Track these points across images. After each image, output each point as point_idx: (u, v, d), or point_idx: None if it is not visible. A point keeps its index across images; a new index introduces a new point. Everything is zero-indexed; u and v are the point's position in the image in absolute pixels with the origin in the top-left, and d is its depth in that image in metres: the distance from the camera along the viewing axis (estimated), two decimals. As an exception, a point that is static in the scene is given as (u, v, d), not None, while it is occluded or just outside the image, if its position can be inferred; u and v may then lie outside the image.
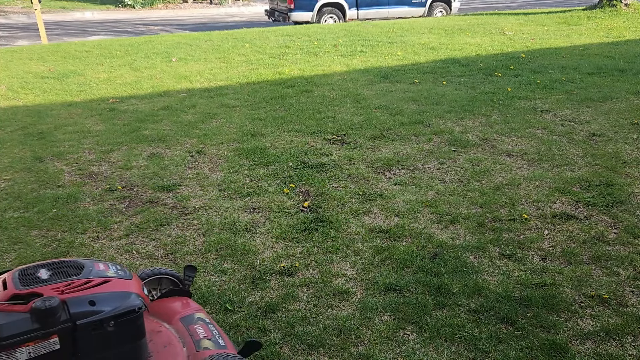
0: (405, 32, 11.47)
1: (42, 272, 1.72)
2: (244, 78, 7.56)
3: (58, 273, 1.72)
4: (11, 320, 1.55)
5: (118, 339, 1.71)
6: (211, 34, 11.94)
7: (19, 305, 1.58)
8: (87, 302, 1.65)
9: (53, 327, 1.58)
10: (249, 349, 2.01)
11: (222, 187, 4.03)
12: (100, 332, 1.65)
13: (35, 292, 1.62)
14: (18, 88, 7.16)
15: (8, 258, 3.12)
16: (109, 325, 1.66)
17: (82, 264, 1.79)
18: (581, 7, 14.60)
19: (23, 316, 1.56)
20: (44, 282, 1.67)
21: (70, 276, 1.71)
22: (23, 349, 1.56)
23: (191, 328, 2.02)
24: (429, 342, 2.38)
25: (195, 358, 1.88)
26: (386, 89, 6.79)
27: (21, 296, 1.60)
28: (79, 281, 1.69)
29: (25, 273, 1.70)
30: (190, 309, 2.14)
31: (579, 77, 7.09)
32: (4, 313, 1.56)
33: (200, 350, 1.92)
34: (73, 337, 1.62)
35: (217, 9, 20.79)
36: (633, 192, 3.80)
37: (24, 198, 3.89)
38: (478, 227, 3.39)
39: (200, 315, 2.12)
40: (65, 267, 1.76)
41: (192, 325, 2.04)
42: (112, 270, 1.82)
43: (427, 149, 4.72)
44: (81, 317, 1.62)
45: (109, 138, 5.14)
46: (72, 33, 14.31)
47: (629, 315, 2.54)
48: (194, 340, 1.97)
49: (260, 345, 2.03)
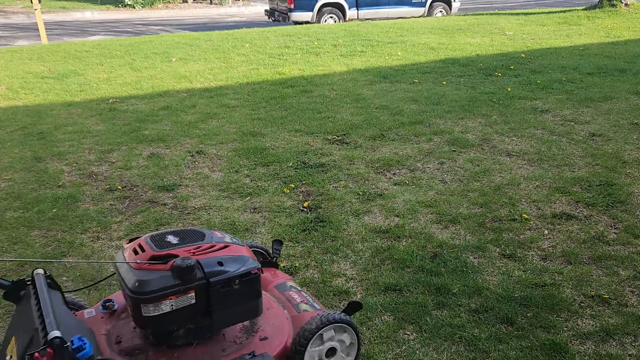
0: (405, 32, 11.47)
1: (170, 237, 1.93)
2: (244, 78, 7.56)
3: (184, 239, 1.93)
4: (156, 277, 1.76)
5: (241, 297, 1.90)
6: (211, 34, 11.95)
7: (160, 265, 1.79)
8: (217, 262, 1.85)
9: (191, 283, 1.78)
10: (351, 308, 2.17)
11: (222, 187, 4.03)
12: (227, 290, 1.85)
13: (171, 253, 1.83)
14: (18, 88, 7.16)
15: (8, 258, 3.12)
16: (234, 283, 1.86)
17: (202, 232, 2.00)
18: (581, 7, 14.60)
19: (165, 273, 1.77)
20: (176, 246, 1.87)
21: (196, 241, 1.92)
22: (167, 301, 1.77)
23: (287, 294, 2.24)
24: (429, 342, 2.38)
25: (297, 319, 2.08)
26: (386, 89, 6.79)
27: (159, 257, 1.82)
28: (204, 245, 1.91)
29: (157, 238, 1.92)
30: (281, 278, 2.36)
31: (579, 77, 7.10)
32: (147, 271, 1.78)
33: (300, 313, 2.12)
34: (207, 293, 1.82)
35: (217, 9, 20.79)
36: (633, 192, 3.80)
37: (24, 198, 3.89)
38: (478, 227, 3.39)
39: (291, 284, 2.34)
40: (189, 234, 1.97)
41: (286, 292, 2.26)
42: (228, 237, 2.03)
43: (427, 149, 4.73)
44: (213, 276, 1.82)
45: (109, 138, 5.14)
46: (72, 33, 14.31)
47: (629, 315, 2.54)
48: (293, 304, 2.18)
49: (361, 305, 2.20)
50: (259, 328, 2.04)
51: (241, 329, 2.04)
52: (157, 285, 1.74)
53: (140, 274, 1.77)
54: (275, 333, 2.02)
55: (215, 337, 1.97)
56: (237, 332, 2.01)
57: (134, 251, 1.88)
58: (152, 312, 1.76)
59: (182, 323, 1.87)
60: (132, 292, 1.74)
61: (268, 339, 1.98)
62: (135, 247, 1.90)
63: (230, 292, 1.86)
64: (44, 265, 3.05)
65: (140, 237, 1.96)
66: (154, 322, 1.79)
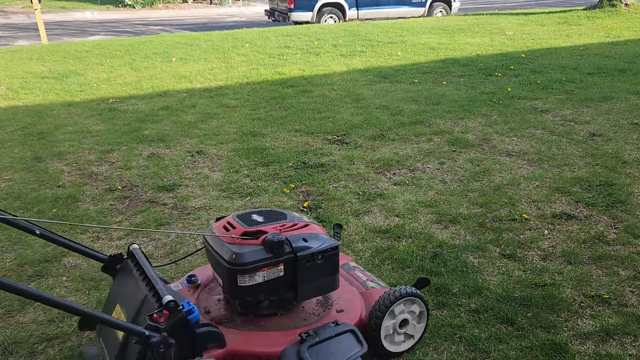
0: (405, 32, 11.47)
1: (256, 216, 2.14)
2: (244, 78, 7.56)
3: (269, 217, 2.14)
4: (250, 250, 1.96)
5: (323, 271, 2.09)
6: (211, 34, 11.95)
7: (251, 240, 2.00)
8: (302, 239, 2.06)
9: (281, 257, 1.99)
10: (421, 284, 2.34)
11: (222, 187, 4.03)
12: (311, 264, 2.05)
13: (261, 230, 2.04)
14: (18, 88, 7.16)
15: (8, 258, 3.12)
16: (317, 258, 2.05)
17: (283, 212, 2.22)
18: (581, 7, 14.60)
19: (258, 247, 1.97)
20: (263, 224, 2.08)
21: (280, 220, 2.14)
22: (260, 273, 1.97)
23: (352, 273, 2.46)
24: (429, 342, 2.38)
25: (365, 295, 2.29)
26: (386, 89, 6.79)
27: (250, 233, 2.02)
28: (288, 223, 2.12)
29: (245, 217, 2.13)
30: (345, 259, 2.56)
31: (579, 77, 7.10)
32: (241, 245, 1.98)
33: (368, 289, 2.34)
34: (293, 267, 2.03)
35: (217, 9, 20.79)
36: (633, 192, 3.80)
37: (24, 198, 3.89)
38: (478, 227, 3.38)
39: (354, 264, 2.54)
40: (272, 214, 2.18)
41: (352, 271, 2.48)
42: (305, 217, 2.22)
43: (427, 149, 4.72)
44: (299, 251, 2.02)
45: (109, 138, 5.14)
46: (72, 33, 14.31)
47: (629, 315, 2.54)
48: (360, 282, 2.40)
49: (429, 281, 2.37)
50: (333, 302, 2.24)
51: (317, 302, 2.25)
52: (251, 258, 1.94)
53: (236, 248, 1.97)
54: (349, 307, 2.22)
55: (295, 309, 2.19)
56: (314, 305, 2.24)
57: (224, 228, 2.07)
58: (247, 282, 1.96)
59: (270, 294, 2.07)
60: (230, 263, 1.94)
61: (344, 311, 2.19)
62: (224, 224, 2.10)
63: (314, 267, 2.06)
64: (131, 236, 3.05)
65: (226, 217, 2.17)
66: (247, 291, 1.99)
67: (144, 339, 1.73)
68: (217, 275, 2.12)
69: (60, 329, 2.50)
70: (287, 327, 2.08)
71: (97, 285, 2.83)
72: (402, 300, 2.16)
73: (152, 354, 1.74)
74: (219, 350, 1.91)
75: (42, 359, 2.32)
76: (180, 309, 1.77)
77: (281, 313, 2.13)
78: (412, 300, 2.21)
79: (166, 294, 1.80)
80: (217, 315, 2.13)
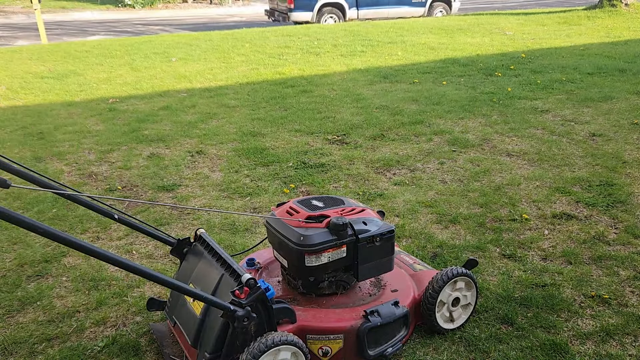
0: (405, 32, 11.47)
1: (316, 202, 2.27)
2: (244, 78, 7.55)
3: (328, 203, 2.28)
4: (317, 233, 2.10)
5: (381, 253, 2.23)
6: (211, 34, 11.94)
7: (315, 223, 2.13)
8: (362, 222, 2.19)
9: (344, 239, 2.13)
10: (470, 265, 2.46)
11: (222, 187, 4.03)
12: (371, 246, 2.19)
13: (324, 214, 2.18)
14: (18, 88, 7.15)
15: (8, 258, 3.12)
16: (376, 240, 2.19)
17: (340, 198, 2.36)
18: (581, 7, 14.59)
19: (323, 230, 2.11)
20: (324, 208, 2.22)
21: (339, 205, 2.27)
22: (325, 254, 2.11)
23: (399, 257, 2.59)
24: (429, 342, 2.38)
25: (415, 277, 2.45)
26: (386, 89, 6.79)
27: (314, 217, 2.16)
28: (347, 208, 2.25)
29: (306, 203, 2.26)
30: None
31: (579, 77, 7.09)
32: (306, 228, 2.11)
33: (416, 272, 2.49)
34: (355, 248, 2.17)
35: (217, 9, 20.79)
36: (633, 192, 3.80)
37: (24, 198, 3.89)
38: (478, 227, 3.38)
39: (398, 249, 2.65)
40: (330, 200, 2.32)
41: (399, 255, 2.61)
42: (361, 203, 2.35)
43: (427, 149, 4.72)
44: (360, 233, 2.16)
45: (109, 138, 5.13)
46: (72, 33, 14.31)
47: (629, 315, 2.54)
48: (407, 264, 2.54)
49: (477, 262, 2.49)
50: (385, 283, 2.39)
51: (371, 283, 2.40)
52: (318, 240, 2.08)
53: (303, 231, 2.10)
54: (402, 287, 2.37)
55: (353, 289, 2.34)
56: (368, 286, 2.39)
57: (287, 212, 2.20)
58: (314, 262, 2.10)
59: (332, 274, 2.22)
60: (298, 245, 2.07)
61: (398, 291, 2.34)
62: (287, 209, 2.23)
63: (373, 248, 2.19)
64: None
65: (287, 202, 2.31)
66: (313, 271, 2.13)
67: (230, 313, 1.88)
68: (281, 257, 2.25)
69: (60, 329, 2.50)
70: (348, 305, 2.24)
71: (96, 285, 2.83)
72: (454, 279, 2.32)
73: (237, 326, 1.90)
74: (290, 326, 2.08)
75: (42, 359, 2.32)
76: (258, 285, 1.92)
77: (340, 292, 2.29)
78: (464, 280, 2.38)
79: (244, 273, 1.95)
80: (280, 295, 2.28)
